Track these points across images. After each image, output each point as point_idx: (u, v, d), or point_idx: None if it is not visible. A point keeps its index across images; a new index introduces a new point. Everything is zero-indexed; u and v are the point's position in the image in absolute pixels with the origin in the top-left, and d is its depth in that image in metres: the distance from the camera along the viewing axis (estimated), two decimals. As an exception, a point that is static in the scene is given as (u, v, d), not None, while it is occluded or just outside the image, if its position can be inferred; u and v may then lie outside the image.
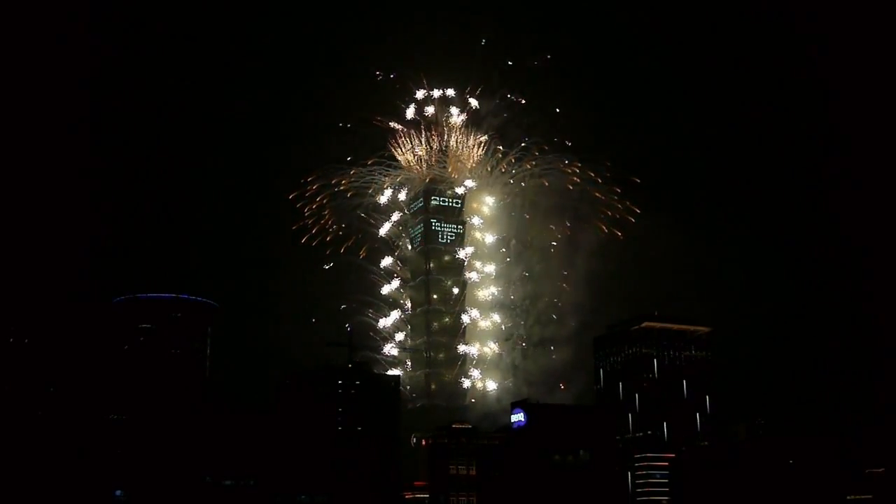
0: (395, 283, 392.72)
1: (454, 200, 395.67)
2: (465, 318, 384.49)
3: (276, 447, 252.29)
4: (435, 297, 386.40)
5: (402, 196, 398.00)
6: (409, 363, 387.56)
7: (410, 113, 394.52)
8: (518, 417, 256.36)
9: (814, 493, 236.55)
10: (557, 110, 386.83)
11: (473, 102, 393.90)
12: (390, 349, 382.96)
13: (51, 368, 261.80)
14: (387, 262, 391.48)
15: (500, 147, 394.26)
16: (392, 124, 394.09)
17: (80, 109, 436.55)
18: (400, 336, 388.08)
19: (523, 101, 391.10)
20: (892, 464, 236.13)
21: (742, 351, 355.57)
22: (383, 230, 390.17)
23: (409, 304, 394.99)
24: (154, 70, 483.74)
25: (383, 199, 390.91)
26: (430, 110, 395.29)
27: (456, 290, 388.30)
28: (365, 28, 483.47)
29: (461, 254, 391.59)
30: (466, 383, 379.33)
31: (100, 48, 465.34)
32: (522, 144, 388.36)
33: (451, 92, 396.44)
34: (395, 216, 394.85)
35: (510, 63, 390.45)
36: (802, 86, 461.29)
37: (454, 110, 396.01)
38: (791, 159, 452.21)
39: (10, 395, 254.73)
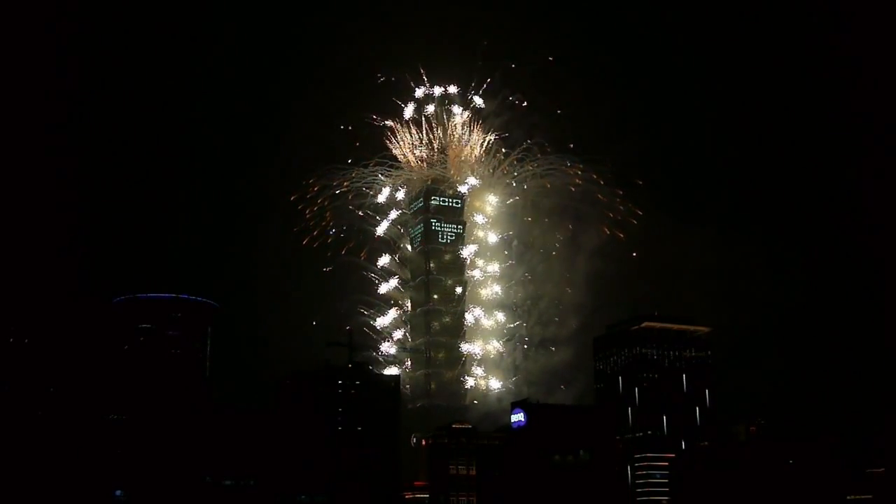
0: (395, 282, 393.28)
1: (454, 200, 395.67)
2: (468, 317, 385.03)
3: (276, 447, 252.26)
4: (435, 296, 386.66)
5: (401, 195, 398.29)
6: (409, 363, 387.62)
7: (410, 112, 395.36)
8: (518, 417, 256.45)
9: (814, 493, 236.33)
10: (560, 112, 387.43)
11: (477, 100, 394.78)
12: (389, 348, 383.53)
13: (51, 368, 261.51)
14: (386, 261, 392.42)
15: (503, 149, 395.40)
16: (392, 124, 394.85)
17: (82, 108, 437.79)
18: (398, 334, 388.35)
19: (525, 104, 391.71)
20: (892, 464, 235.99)
21: (742, 351, 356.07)
22: (381, 229, 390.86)
23: (408, 304, 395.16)
24: (156, 70, 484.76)
25: (382, 197, 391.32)
26: (430, 109, 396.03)
27: (458, 290, 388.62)
28: (366, 28, 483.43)
29: (463, 252, 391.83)
30: (469, 382, 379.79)
31: (101, 47, 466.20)
32: (525, 146, 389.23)
33: (452, 89, 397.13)
34: (393, 214, 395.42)
35: (513, 66, 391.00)
36: (802, 87, 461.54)
37: (456, 109, 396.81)
38: (793, 160, 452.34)
39: (10, 395, 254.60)
